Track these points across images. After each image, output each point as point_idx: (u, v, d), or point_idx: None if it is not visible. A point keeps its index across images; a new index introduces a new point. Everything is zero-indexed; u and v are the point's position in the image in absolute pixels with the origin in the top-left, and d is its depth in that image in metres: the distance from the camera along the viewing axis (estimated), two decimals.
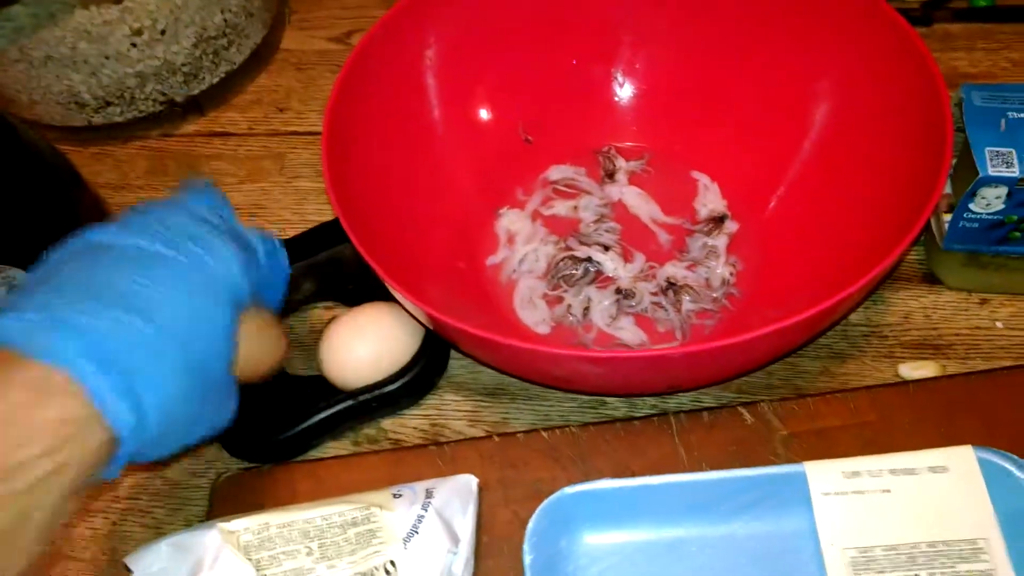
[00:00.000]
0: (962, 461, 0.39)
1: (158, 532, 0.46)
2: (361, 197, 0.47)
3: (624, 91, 0.58)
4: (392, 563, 0.36)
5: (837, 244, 0.49)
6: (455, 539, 0.38)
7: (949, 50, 0.62)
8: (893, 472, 0.39)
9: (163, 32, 0.59)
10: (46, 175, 0.46)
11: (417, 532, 0.37)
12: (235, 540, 0.36)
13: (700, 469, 0.42)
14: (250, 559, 0.36)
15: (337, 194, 0.44)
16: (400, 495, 0.39)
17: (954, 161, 0.48)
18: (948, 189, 0.49)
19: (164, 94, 0.62)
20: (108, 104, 0.61)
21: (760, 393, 0.48)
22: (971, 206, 0.46)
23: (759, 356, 0.44)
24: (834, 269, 0.46)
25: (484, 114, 0.56)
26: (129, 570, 0.38)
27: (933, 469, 0.39)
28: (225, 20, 0.61)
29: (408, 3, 0.51)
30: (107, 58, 0.58)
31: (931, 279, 0.51)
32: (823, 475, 0.39)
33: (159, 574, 0.37)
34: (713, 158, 0.56)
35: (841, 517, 0.38)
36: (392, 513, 0.38)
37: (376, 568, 0.36)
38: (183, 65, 0.61)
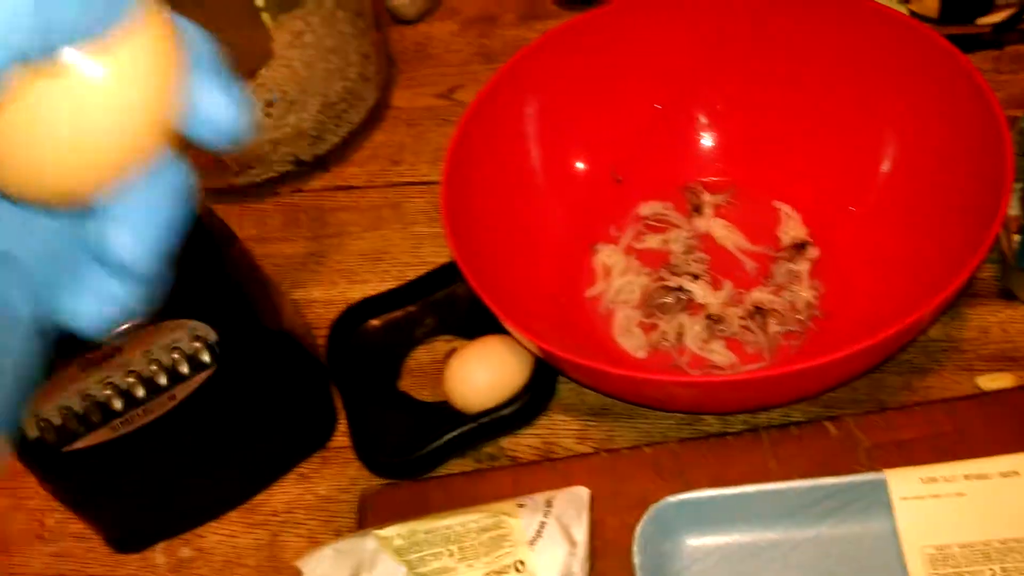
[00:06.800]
0: None
1: (312, 542, 0.53)
2: (475, 241, 0.53)
3: (707, 130, 0.63)
4: (521, 562, 0.42)
5: (912, 265, 0.53)
6: (573, 542, 0.44)
7: (1022, 71, 0.65)
8: (967, 477, 0.43)
9: (292, 102, 0.67)
10: (208, 236, 0.54)
11: (541, 536, 0.43)
12: (389, 544, 0.43)
13: (790, 479, 0.46)
14: (402, 560, 0.42)
15: (455, 241, 0.51)
16: (523, 505, 0.45)
17: (1020, 185, 0.51)
18: (1017, 211, 0.52)
19: (294, 155, 0.70)
20: (248, 167, 0.69)
21: (846, 407, 0.52)
22: None
23: (840, 375, 0.49)
24: (910, 288, 0.50)
25: (580, 164, 0.62)
26: (300, 572, 0.45)
27: (1004, 474, 0.43)
28: (344, 87, 0.69)
29: (509, 69, 0.58)
30: None
31: (1007, 295, 0.55)
32: (903, 481, 0.43)
33: (327, 574, 0.44)
34: (794, 188, 0.60)
35: (920, 519, 0.42)
36: (518, 520, 0.44)
37: (507, 567, 0.42)
38: (310, 129, 0.69)
